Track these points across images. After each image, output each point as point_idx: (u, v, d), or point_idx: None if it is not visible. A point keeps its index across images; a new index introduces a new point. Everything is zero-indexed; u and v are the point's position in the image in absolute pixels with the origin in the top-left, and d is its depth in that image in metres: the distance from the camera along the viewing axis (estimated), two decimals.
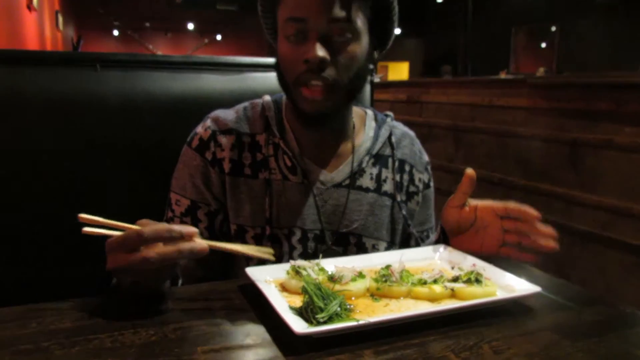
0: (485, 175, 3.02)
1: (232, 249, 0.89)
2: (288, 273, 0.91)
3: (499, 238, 1.05)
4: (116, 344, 0.72)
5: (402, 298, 0.87)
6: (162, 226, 0.79)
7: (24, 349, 0.70)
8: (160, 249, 0.74)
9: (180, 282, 1.03)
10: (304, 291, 0.79)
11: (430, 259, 1.07)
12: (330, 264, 0.98)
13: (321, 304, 0.76)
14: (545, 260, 1.02)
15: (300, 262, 0.92)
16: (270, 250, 0.93)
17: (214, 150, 1.07)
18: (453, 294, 0.87)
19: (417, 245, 1.26)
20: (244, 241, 1.07)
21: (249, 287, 0.88)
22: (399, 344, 0.73)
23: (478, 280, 0.88)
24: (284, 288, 0.90)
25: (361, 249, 1.12)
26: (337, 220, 1.10)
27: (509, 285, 0.90)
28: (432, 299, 0.86)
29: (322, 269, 0.92)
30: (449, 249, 1.09)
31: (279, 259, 1.10)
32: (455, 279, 0.89)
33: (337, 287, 0.87)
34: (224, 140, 1.07)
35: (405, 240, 1.23)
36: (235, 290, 0.92)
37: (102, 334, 0.75)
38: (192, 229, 0.81)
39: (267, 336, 0.75)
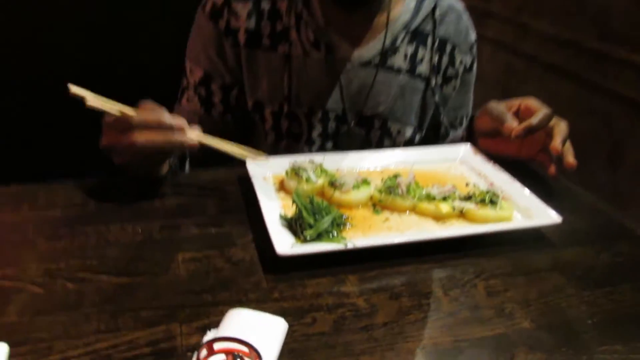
0: (552, 33, 2.68)
1: (223, 149, 0.83)
2: (287, 174, 0.85)
3: (540, 141, 0.93)
4: (101, 241, 0.71)
5: (407, 212, 0.81)
6: (154, 115, 0.74)
7: (12, 240, 0.71)
8: (149, 135, 0.72)
9: (187, 165, 1.00)
10: (295, 203, 0.74)
11: (451, 161, 0.98)
12: (336, 162, 0.90)
13: (311, 220, 0.71)
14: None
15: (301, 162, 0.85)
16: (263, 154, 0.87)
17: (228, 19, 0.97)
18: (462, 215, 0.80)
19: (447, 134, 1.15)
20: (262, 117, 1.03)
21: (248, 181, 0.83)
22: (387, 271, 0.69)
23: (493, 202, 0.80)
24: (282, 187, 0.85)
25: (385, 134, 1.06)
26: (361, 102, 1.02)
27: (529, 209, 0.81)
28: (438, 218, 0.79)
29: (324, 171, 0.85)
30: (474, 150, 0.99)
31: (298, 136, 1.05)
32: (467, 198, 0.81)
33: (337, 195, 0.81)
34: (239, 7, 0.95)
35: (434, 126, 1.13)
36: (234, 183, 0.88)
37: (89, 227, 0.74)
38: (182, 122, 0.75)
39: (252, 247, 0.72)
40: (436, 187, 0.82)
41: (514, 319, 0.62)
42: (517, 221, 0.80)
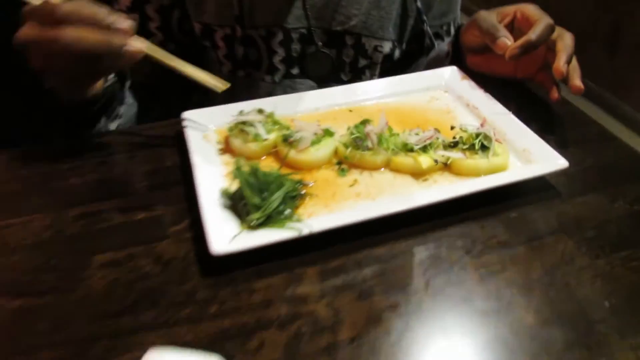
0: None
1: (177, 68, 0.66)
2: (230, 130, 0.68)
3: (540, 57, 0.77)
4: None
5: (382, 168, 0.66)
6: (88, 7, 0.55)
7: None
8: (79, 32, 0.55)
9: (128, 83, 0.82)
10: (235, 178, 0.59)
11: (433, 89, 0.81)
12: (292, 106, 0.74)
13: (256, 199, 0.56)
14: None
15: (248, 114, 0.68)
16: (226, 84, 0.70)
17: None
18: (447, 167, 0.65)
19: (432, 45, 0.97)
20: (213, 44, 0.88)
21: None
22: (355, 257, 0.55)
23: (484, 148, 0.64)
24: (228, 147, 0.69)
25: (360, 52, 0.90)
26: (328, 16, 0.87)
27: (528, 151, 0.67)
28: (417, 174, 0.65)
29: (276, 123, 0.69)
30: (460, 75, 0.82)
31: (257, 64, 0.87)
32: (452, 145, 0.66)
33: (292, 154, 0.65)
34: None
35: (416, 38, 0.96)
36: (172, 142, 0.71)
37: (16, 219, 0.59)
38: (127, 21, 0.57)
39: (188, 238, 0.58)
40: (414, 133, 0.67)
41: (514, 312, 0.50)
42: (515, 170, 0.65)
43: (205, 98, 0.75)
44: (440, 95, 0.80)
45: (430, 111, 0.77)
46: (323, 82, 0.88)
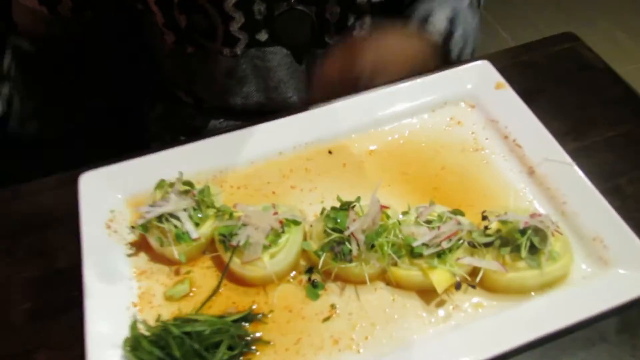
0: None
1: None
2: (143, 228, 0.44)
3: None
4: None
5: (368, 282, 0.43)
6: None
7: None
8: None
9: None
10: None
11: (454, 103, 0.55)
12: (237, 150, 0.50)
13: None
14: None
15: (168, 201, 0.44)
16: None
17: None
18: (474, 277, 0.42)
19: None
20: (147, 9, 0.69)
21: None
22: None
23: (533, 248, 0.41)
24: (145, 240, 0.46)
25: (347, 4, 0.69)
26: None
27: (600, 240, 0.43)
28: (428, 291, 0.42)
29: (210, 206, 0.45)
30: (496, 77, 0.55)
31: (209, 34, 0.66)
32: (486, 245, 0.42)
33: (236, 266, 0.42)
34: None
35: None
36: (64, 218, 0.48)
37: None
38: None
39: None
40: (420, 217, 0.43)
41: None
42: (581, 287, 0.42)
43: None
44: (464, 114, 0.54)
45: (448, 148, 0.52)
46: (302, 49, 0.70)
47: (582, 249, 0.44)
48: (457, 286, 0.41)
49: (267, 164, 0.51)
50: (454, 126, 0.54)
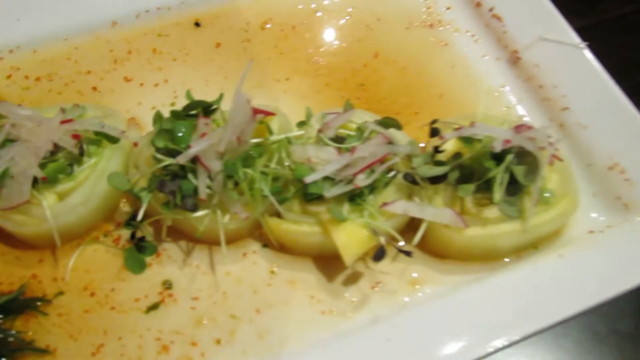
0: None
1: None
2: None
3: None
4: None
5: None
6: None
7: None
8: None
9: None
10: None
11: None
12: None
13: None
14: None
15: None
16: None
17: None
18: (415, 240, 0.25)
19: None
20: None
21: None
22: None
23: (514, 185, 0.24)
24: None
25: None
26: None
27: (619, 167, 0.26)
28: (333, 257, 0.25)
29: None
30: None
31: None
32: (434, 180, 0.24)
33: None
34: None
35: None
36: None
37: None
38: None
39: None
40: (325, 131, 0.25)
41: None
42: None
43: None
44: None
45: (386, 23, 0.32)
46: None
47: (591, 186, 0.27)
48: (378, 254, 0.23)
49: (89, 41, 0.31)
50: None
